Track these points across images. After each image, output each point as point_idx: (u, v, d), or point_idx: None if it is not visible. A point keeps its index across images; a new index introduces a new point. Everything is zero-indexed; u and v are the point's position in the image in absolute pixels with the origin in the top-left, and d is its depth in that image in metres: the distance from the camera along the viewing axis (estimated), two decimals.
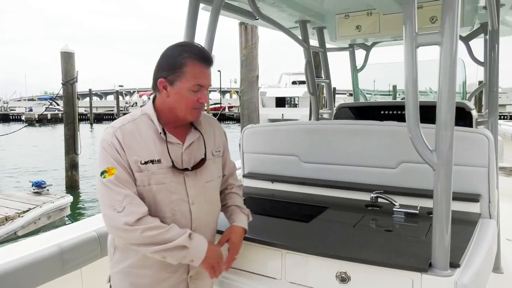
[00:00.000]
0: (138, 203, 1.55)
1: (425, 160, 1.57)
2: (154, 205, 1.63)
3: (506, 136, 6.86)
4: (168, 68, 1.61)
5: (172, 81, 1.61)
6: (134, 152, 1.60)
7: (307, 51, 3.96)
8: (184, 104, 1.63)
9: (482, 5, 3.08)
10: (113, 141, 1.59)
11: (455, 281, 1.54)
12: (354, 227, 2.06)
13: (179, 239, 1.54)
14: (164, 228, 1.55)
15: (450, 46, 1.49)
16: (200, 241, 1.62)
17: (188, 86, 1.60)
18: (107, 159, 1.58)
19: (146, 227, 1.51)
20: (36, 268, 2.07)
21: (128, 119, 1.67)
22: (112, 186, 1.54)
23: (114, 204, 1.52)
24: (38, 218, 8.17)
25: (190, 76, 1.60)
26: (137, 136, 1.63)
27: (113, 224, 1.54)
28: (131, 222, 1.50)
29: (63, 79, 12.64)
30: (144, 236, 1.51)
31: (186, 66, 1.59)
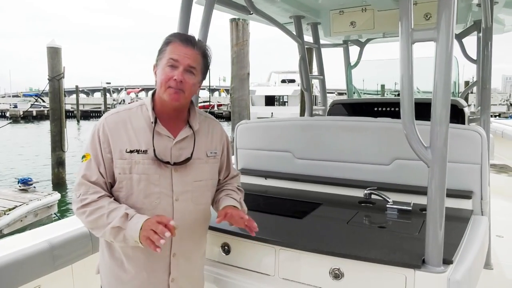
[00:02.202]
0: (94, 191, 1.60)
1: (419, 157, 1.57)
2: (133, 195, 1.63)
3: (497, 134, 6.96)
4: (158, 52, 1.68)
5: (157, 63, 1.67)
6: (121, 140, 1.63)
7: (301, 47, 3.95)
8: (159, 81, 1.64)
9: (476, 2, 3.10)
10: (100, 128, 1.65)
11: (448, 278, 1.55)
12: (348, 223, 2.06)
13: (114, 221, 1.54)
14: (108, 209, 1.56)
15: (446, 42, 1.49)
16: (137, 219, 1.53)
17: (165, 62, 1.63)
18: (88, 145, 1.65)
19: (90, 210, 1.57)
20: (26, 264, 2.03)
21: (124, 108, 1.72)
22: (80, 170, 1.63)
23: (76, 190, 1.61)
24: (24, 216, 8.05)
25: (168, 53, 1.64)
26: (128, 125, 1.65)
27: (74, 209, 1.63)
28: (79, 207, 1.58)
29: (50, 75, 12.46)
30: (89, 220, 1.57)
31: (167, 45, 1.66)
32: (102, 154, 1.62)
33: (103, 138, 1.63)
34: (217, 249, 2.04)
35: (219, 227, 2.00)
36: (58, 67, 12.51)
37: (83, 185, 1.61)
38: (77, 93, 49.78)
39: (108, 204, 1.58)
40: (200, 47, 1.68)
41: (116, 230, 1.54)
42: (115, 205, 1.58)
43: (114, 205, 1.58)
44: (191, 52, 1.64)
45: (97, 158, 1.62)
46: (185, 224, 1.70)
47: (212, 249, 2.05)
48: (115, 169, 1.63)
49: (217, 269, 2.04)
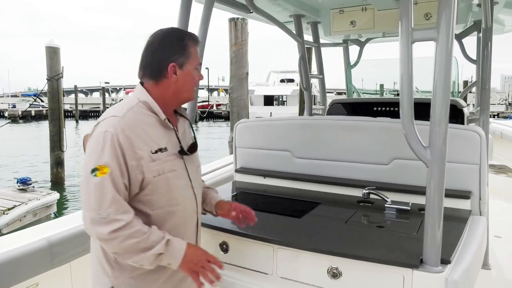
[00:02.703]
0: (125, 210, 1.46)
1: (418, 157, 1.57)
2: (169, 193, 1.60)
3: (496, 134, 6.96)
4: (178, 51, 1.61)
5: (182, 64, 1.61)
6: (144, 142, 1.53)
7: (301, 46, 3.95)
8: (191, 85, 1.67)
9: (476, 2, 3.11)
10: (118, 134, 1.46)
11: (446, 277, 1.55)
12: (346, 223, 2.06)
13: (156, 248, 1.48)
14: (145, 234, 1.47)
15: (446, 42, 1.49)
16: (178, 245, 1.54)
17: (194, 66, 1.66)
18: (103, 155, 1.45)
19: (127, 234, 1.43)
20: (24, 261, 2.03)
21: (127, 107, 1.57)
22: (102, 188, 1.43)
23: (99, 209, 1.42)
24: (23, 216, 8.03)
25: (194, 57, 1.65)
26: (142, 124, 1.56)
27: (93, 230, 1.45)
28: (112, 231, 1.42)
29: (48, 75, 12.45)
30: (122, 246, 1.44)
31: (190, 47, 1.64)
32: (126, 164, 1.47)
33: (126, 144, 1.47)
34: (215, 248, 2.04)
35: (218, 226, 2.01)
36: (57, 67, 12.51)
37: (114, 202, 1.43)
38: (76, 93, 49.78)
39: (142, 227, 1.48)
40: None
41: (156, 256, 1.49)
42: (147, 227, 1.50)
43: (146, 227, 1.50)
44: None
45: (121, 169, 1.46)
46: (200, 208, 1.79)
47: (211, 247, 2.05)
48: (147, 173, 1.52)
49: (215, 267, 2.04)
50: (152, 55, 1.61)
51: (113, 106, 1.65)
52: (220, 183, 3.32)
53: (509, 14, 3.69)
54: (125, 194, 1.49)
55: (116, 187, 1.45)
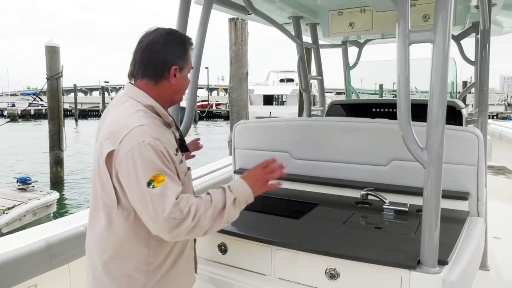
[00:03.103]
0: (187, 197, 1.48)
1: (415, 158, 1.58)
2: (189, 190, 1.73)
3: (495, 135, 6.96)
4: (181, 54, 1.64)
5: (182, 67, 1.64)
6: (168, 145, 1.54)
7: (300, 47, 3.96)
8: (185, 88, 1.72)
9: (474, 4, 3.12)
10: (156, 141, 1.46)
11: (443, 278, 1.55)
12: (344, 224, 2.07)
13: (228, 198, 1.55)
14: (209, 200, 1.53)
15: (442, 44, 1.50)
16: (237, 183, 1.64)
17: (189, 70, 1.71)
18: (152, 166, 1.43)
19: (202, 210, 1.47)
20: (23, 262, 2.04)
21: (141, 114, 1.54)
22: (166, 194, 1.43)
23: (171, 214, 1.42)
24: (23, 215, 8.03)
25: (190, 61, 1.69)
26: (159, 129, 1.56)
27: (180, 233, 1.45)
28: (194, 217, 1.45)
29: (48, 74, 12.46)
30: (208, 219, 1.49)
31: (189, 51, 1.67)
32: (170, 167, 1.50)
33: (164, 150, 1.48)
34: (213, 249, 2.05)
35: None
36: (57, 66, 12.52)
37: (181, 199, 1.45)
38: (75, 92, 49.73)
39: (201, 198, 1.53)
40: None
41: (232, 203, 1.56)
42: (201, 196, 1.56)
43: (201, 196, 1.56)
44: None
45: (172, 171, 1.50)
46: None
47: (209, 248, 2.06)
48: (180, 174, 1.59)
49: (213, 268, 2.04)
50: (156, 55, 1.58)
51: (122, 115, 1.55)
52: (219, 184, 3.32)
53: (507, 15, 3.70)
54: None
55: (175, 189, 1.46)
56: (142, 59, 1.59)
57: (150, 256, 1.57)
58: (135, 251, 1.56)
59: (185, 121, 2.39)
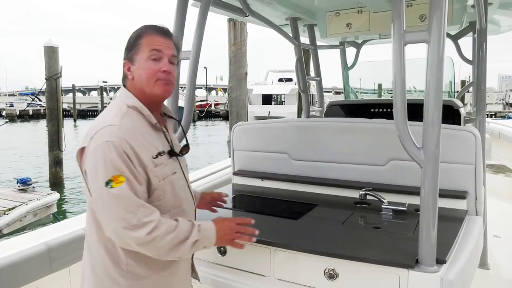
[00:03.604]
0: (152, 210, 1.45)
1: (412, 158, 1.58)
2: (174, 196, 1.60)
3: (494, 134, 6.97)
4: (128, 48, 1.58)
5: (132, 59, 1.57)
6: (145, 148, 1.50)
7: (297, 49, 3.97)
8: (145, 76, 1.55)
9: (470, 3, 3.12)
10: (121, 142, 1.43)
11: (441, 277, 1.56)
12: (343, 224, 2.07)
13: (192, 236, 1.51)
14: (175, 226, 1.48)
15: (437, 44, 1.50)
16: (207, 226, 1.60)
17: (146, 55, 1.55)
18: (113, 165, 1.41)
19: (162, 231, 1.43)
20: (23, 266, 2.04)
21: (120, 114, 1.53)
22: (123, 197, 1.40)
23: (126, 217, 1.39)
24: (24, 216, 8.05)
25: (145, 45, 1.55)
26: (139, 130, 1.52)
27: (129, 239, 1.42)
28: (149, 232, 1.40)
29: (47, 74, 12.44)
30: (163, 244, 1.44)
31: (142, 38, 1.56)
32: (136, 170, 1.45)
33: (130, 152, 1.44)
34: (213, 250, 2.05)
35: None
36: (55, 67, 12.50)
37: (140, 206, 1.42)
38: (74, 92, 49.63)
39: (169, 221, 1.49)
40: (174, 38, 1.66)
41: (193, 243, 1.52)
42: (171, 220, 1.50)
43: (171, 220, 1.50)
44: (169, 42, 1.61)
45: (135, 176, 1.44)
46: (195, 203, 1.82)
47: (208, 250, 2.05)
48: (153, 179, 1.51)
49: (213, 270, 2.05)
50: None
51: (103, 114, 1.59)
52: (218, 186, 3.34)
53: (504, 14, 3.71)
54: (145, 198, 1.48)
55: (136, 193, 1.43)
56: None
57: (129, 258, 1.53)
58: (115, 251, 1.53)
59: (183, 122, 2.40)
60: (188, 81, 2.37)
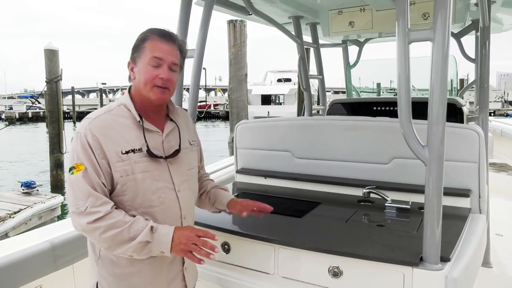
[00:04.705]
0: (103, 202, 1.50)
1: (417, 156, 1.58)
2: (140, 195, 1.59)
3: (496, 132, 6.97)
4: (133, 49, 1.64)
5: (135, 61, 1.62)
6: (114, 142, 1.55)
7: (300, 47, 3.98)
8: (143, 80, 1.60)
9: (473, 2, 3.13)
10: (87, 134, 1.53)
11: (446, 275, 1.56)
12: (347, 222, 2.08)
13: (141, 236, 1.49)
14: (126, 223, 1.49)
15: (442, 42, 1.51)
16: (164, 231, 1.54)
17: (147, 61, 1.59)
18: (77, 154, 1.53)
19: (106, 224, 1.47)
20: (27, 264, 2.04)
21: (104, 110, 1.64)
22: (78, 183, 1.49)
23: (77, 203, 1.48)
24: (29, 219, 8.04)
25: (147, 50, 1.59)
26: (115, 125, 1.58)
27: (75, 224, 1.51)
28: (91, 221, 1.46)
29: (47, 77, 12.43)
30: (105, 237, 1.47)
31: (146, 42, 1.61)
32: (97, 161, 1.52)
33: (94, 144, 1.52)
34: (217, 248, 2.06)
35: (219, 226, 2.02)
36: (56, 69, 12.49)
37: (90, 196, 1.48)
38: (73, 94, 49.51)
39: (124, 217, 1.51)
40: (178, 42, 1.67)
41: (143, 244, 1.50)
42: (130, 217, 1.52)
43: (129, 217, 1.52)
44: (172, 48, 1.63)
45: (94, 167, 1.51)
46: (189, 212, 1.77)
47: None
48: (114, 173, 1.55)
49: (217, 268, 2.05)
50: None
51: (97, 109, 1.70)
52: (221, 184, 3.33)
53: (507, 13, 3.71)
54: (103, 189, 1.53)
55: (90, 182, 1.50)
56: None
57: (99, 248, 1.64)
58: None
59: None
60: (192, 80, 2.38)
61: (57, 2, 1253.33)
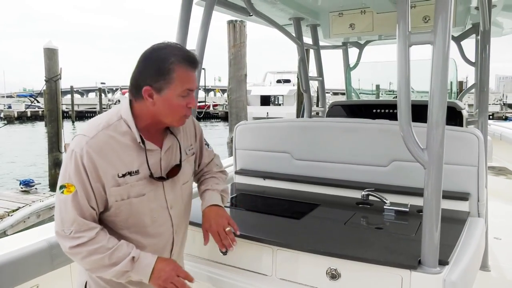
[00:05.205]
0: (88, 228, 1.46)
1: (416, 159, 1.58)
2: (132, 217, 1.56)
3: (496, 136, 6.98)
4: (155, 74, 1.49)
5: (160, 88, 1.49)
6: (111, 165, 1.48)
7: (300, 49, 3.98)
8: (173, 112, 1.54)
9: (474, 5, 3.13)
10: (83, 155, 1.44)
11: (444, 279, 1.56)
12: (345, 224, 2.07)
13: (121, 265, 1.46)
14: (108, 250, 1.46)
15: (442, 45, 1.50)
16: (145, 262, 1.51)
17: (178, 92, 1.50)
18: (69, 174, 1.46)
19: (88, 250, 1.44)
20: (24, 263, 2.03)
21: (102, 125, 1.51)
22: (66, 206, 1.45)
23: (63, 225, 1.46)
24: (27, 217, 8.07)
25: (179, 82, 1.49)
26: (113, 145, 1.49)
27: (60, 244, 1.50)
28: (73, 246, 1.45)
29: (47, 76, 12.44)
30: (86, 261, 1.47)
31: (174, 71, 1.48)
32: (91, 185, 1.46)
33: (90, 167, 1.45)
34: (214, 249, 2.05)
35: None
36: (55, 68, 12.49)
37: (75, 222, 1.44)
38: (72, 93, 49.47)
39: (107, 242, 1.47)
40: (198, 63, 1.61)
41: (123, 272, 1.48)
42: (114, 242, 1.49)
43: (113, 242, 1.48)
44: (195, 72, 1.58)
45: (86, 191, 1.46)
46: (180, 225, 1.75)
47: (210, 249, 2.05)
48: (109, 197, 1.50)
49: (214, 269, 2.04)
50: (134, 73, 1.54)
51: (95, 118, 1.59)
52: None
53: (507, 17, 3.72)
54: (92, 213, 1.49)
55: (79, 207, 1.45)
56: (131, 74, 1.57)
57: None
58: None
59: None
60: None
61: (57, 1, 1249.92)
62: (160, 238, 1.67)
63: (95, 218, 1.51)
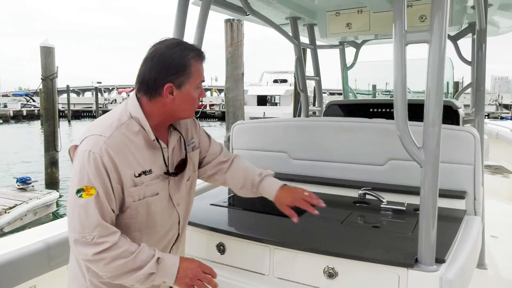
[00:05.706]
0: (110, 232, 1.42)
1: (412, 157, 1.58)
2: (147, 216, 1.56)
3: (492, 135, 7.01)
4: (177, 71, 1.51)
5: (180, 84, 1.52)
6: (128, 165, 1.47)
7: (297, 48, 3.98)
8: (191, 105, 1.59)
9: (470, 4, 3.14)
10: (103, 155, 1.41)
11: (440, 277, 1.56)
12: (342, 223, 2.07)
13: (147, 267, 1.44)
14: (132, 253, 1.43)
15: (438, 44, 1.51)
16: (169, 262, 1.51)
17: (195, 85, 1.55)
18: (88, 177, 1.41)
19: (112, 255, 1.40)
20: (21, 264, 2.03)
21: (116, 124, 1.50)
22: (87, 210, 1.39)
23: (84, 231, 1.39)
24: (24, 215, 8.11)
25: (195, 74, 1.54)
26: (129, 144, 1.49)
27: (78, 253, 1.45)
28: (97, 252, 1.39)
29: (43, 74, 12.41)
30: (109, 267, 1.41)
31: (192, 66, 1.53)
32: (112, 187, 1.44)
33: (111, 167, 1.42)
34: (212, 249, 2.05)
35: (215, 227, 2.02)
36: (52, 67, 12.48)
37: (98, 226, 1.39)
38: (68, 92, 49.34)
39: (129, 246, 1.44)
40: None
41: (148, 275, 1.45)
42: (135, 246, 1.46)
43: (134, 246, 1.46)
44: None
45: (107, 192, 1.43)
46: (185, 220, 1.77)
47: (208, 248, 2.06)
48: (127, 198, 1.49)
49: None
50: (149, 72, 1.51)
51: (104, 117, 1.58)
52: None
53: (504, 16, 3.72)
54: (112, 216, 1.46)
55: (101, 210, 1.41)
56: (139, 74, 1.55)
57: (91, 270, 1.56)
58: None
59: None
60: None
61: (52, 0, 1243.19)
62: (166, 236, 1.68)
63: (113, 221, 1.47)
